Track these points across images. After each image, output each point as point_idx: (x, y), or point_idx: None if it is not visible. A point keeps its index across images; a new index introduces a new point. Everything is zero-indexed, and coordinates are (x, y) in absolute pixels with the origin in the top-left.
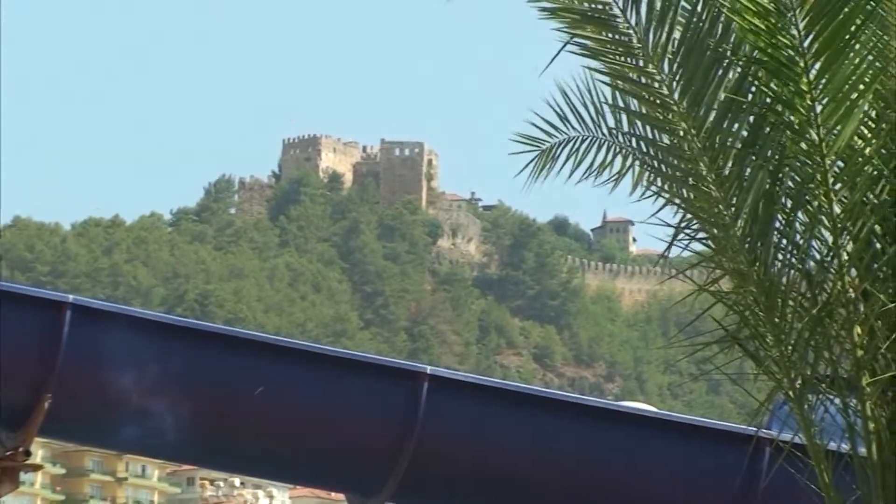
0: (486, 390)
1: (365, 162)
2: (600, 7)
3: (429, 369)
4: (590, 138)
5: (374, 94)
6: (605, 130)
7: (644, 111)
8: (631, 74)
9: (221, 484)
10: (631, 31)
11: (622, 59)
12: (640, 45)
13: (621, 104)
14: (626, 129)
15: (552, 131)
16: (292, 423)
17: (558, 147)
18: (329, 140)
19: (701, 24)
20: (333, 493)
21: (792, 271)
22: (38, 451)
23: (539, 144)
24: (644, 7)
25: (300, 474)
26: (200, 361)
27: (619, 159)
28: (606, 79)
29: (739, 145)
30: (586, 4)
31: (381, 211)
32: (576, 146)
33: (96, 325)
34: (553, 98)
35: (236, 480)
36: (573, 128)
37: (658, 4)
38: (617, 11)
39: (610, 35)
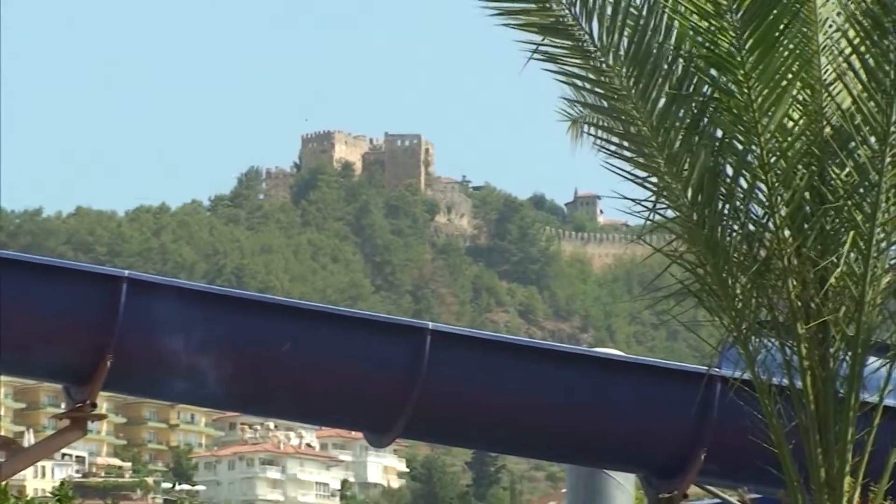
0: (480, 342)
1: (372, 152)
2: (559, 17)
3: (431, 325)
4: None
5: (377, 92)
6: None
7: (603, 102)
8: (589, 74)
9: (258, 427)
10: (587, 37)
11: (581, 61)
12: (595, 49)
13: (582, 98)
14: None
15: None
16: (316, 374)
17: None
18: (341, 134)
19: (647, 27)
20: (353, 432)
21: (734, 233)
22: (103, 403)
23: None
24: (596, 16)
25: (324, 417)
26: (237, 324)
27: (586, 140)
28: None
29: (685, 128)
30: (549, 19)
31: (386, 193)
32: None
33: (148, 295)
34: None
35: (271, 424)
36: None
37: (609, 13)
38: (573, 22)
39: (569, 42)
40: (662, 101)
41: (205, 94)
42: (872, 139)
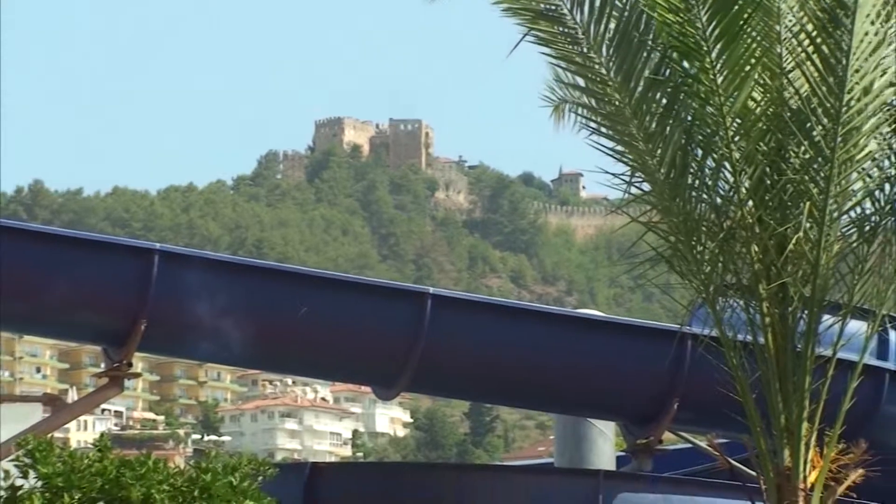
0: (476, 304)
1: (378, 136)
2: (552, 6)
3: (431, 290)
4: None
5: (382, 81)
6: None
7: (587, 86)
8: (576, 59)
9: (278, 383)
10: (576, 26)
11: (570, 46)
12: (583, 36)
13: (569, 81)
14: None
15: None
16: (328, 335)
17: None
18: (350, 120)
19: (630, 19)
20: (362, 387)
21: (703, 205)
22: (138, 363)
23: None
24: (586, 6)
25: (336, 373)
26: (258, 291)
27: (571, 119)
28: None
29: (661, 110)
30: (541, 5)
31: (391, 172)
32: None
33: (178, 266)
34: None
35: (289, 380)
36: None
37: (597, 4)
38: (565, 10)
39: (560, 28)
40: (641, 86)
41: (229, 84)
42: (826, 119)
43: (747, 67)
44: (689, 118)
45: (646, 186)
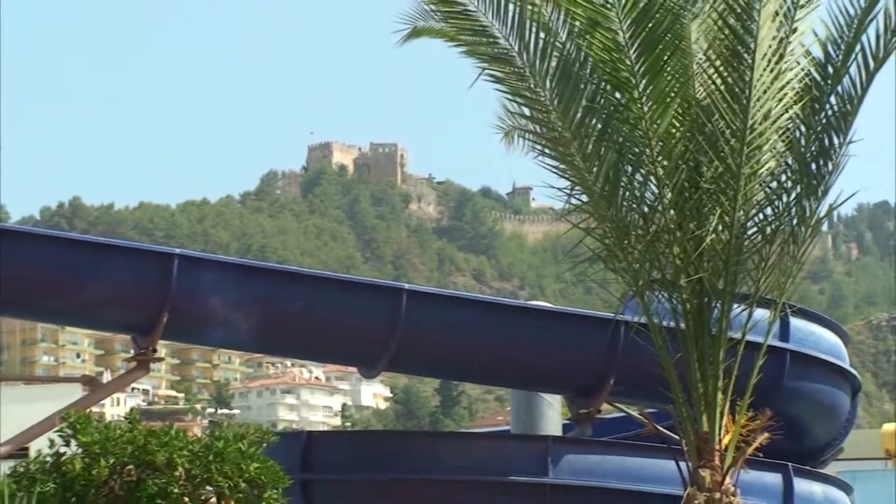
0: (444, 298)
1: (360, 157)
2: (503, 50)
3: (406, 286)
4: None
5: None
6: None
7: (534, 115)
8: (525, 92)
9: (279, 365)
10: (524, 65)
11: (518, 82)
12: (529, 74)
13: (518, 111)
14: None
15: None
16: (321, 324)
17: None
18: (337, 144)
19: (569, 58)
20: (349, 368)
21: (633, 213)
22: (161, 349)
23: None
24: (531, 48)
25: (327, 356)
26: (262, 288)
27: (521, 143)
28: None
29: (596, 134)
30: (494, 49)
31: (372, 188)
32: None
33: (194, 267)
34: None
35: (288, 362)
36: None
37: (541, 46)
38: (514, 53)
39: (509, 68)
40: (579, 113)
41: (236, 113)
42: (733, 140)
43: (668, 98)
44: (621, 140)
45: (584, 198)
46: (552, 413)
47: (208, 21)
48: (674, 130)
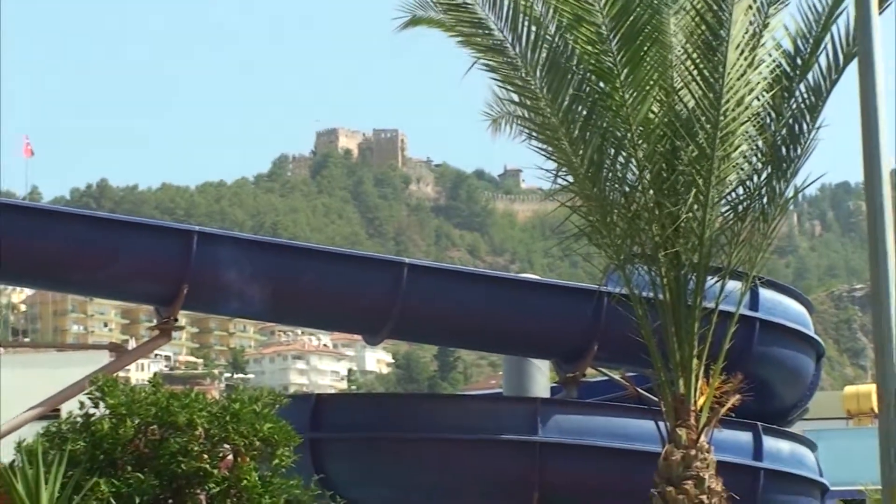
0: (441, 271)
1: (364, 142)
2: (497, 41)
3: (407, 260)
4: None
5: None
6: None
7: (524, 101)
8: (517, 81)
9: (290, 333)
10: (516, 56)
11: (511, 71)
12: (521, 63)
13: (510, 98)
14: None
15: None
16: (329, 295)
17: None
18: (343, 130)
19: (558, 50)
20: (355, 335)
21: (615, 192)
22: (182, 318)
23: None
24: (524, 40)
25: (334, 324)
26: (275, 261)
27: (514, 128)
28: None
29: (581, 120)
30: (489, 40)
31: (375, 170)
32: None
33: (212, 243)
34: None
35: (298, 330)
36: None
37: (532, 38)
38: (507, 44)
39: (502, 58)
40: (566, 101)
41: (251, 101)
42: (708, 126)
43: (647, 87)
44: (604, 126)
45: (570, 179)
46: (541, 377)
47: (230, 21)
48: (653, 116)
